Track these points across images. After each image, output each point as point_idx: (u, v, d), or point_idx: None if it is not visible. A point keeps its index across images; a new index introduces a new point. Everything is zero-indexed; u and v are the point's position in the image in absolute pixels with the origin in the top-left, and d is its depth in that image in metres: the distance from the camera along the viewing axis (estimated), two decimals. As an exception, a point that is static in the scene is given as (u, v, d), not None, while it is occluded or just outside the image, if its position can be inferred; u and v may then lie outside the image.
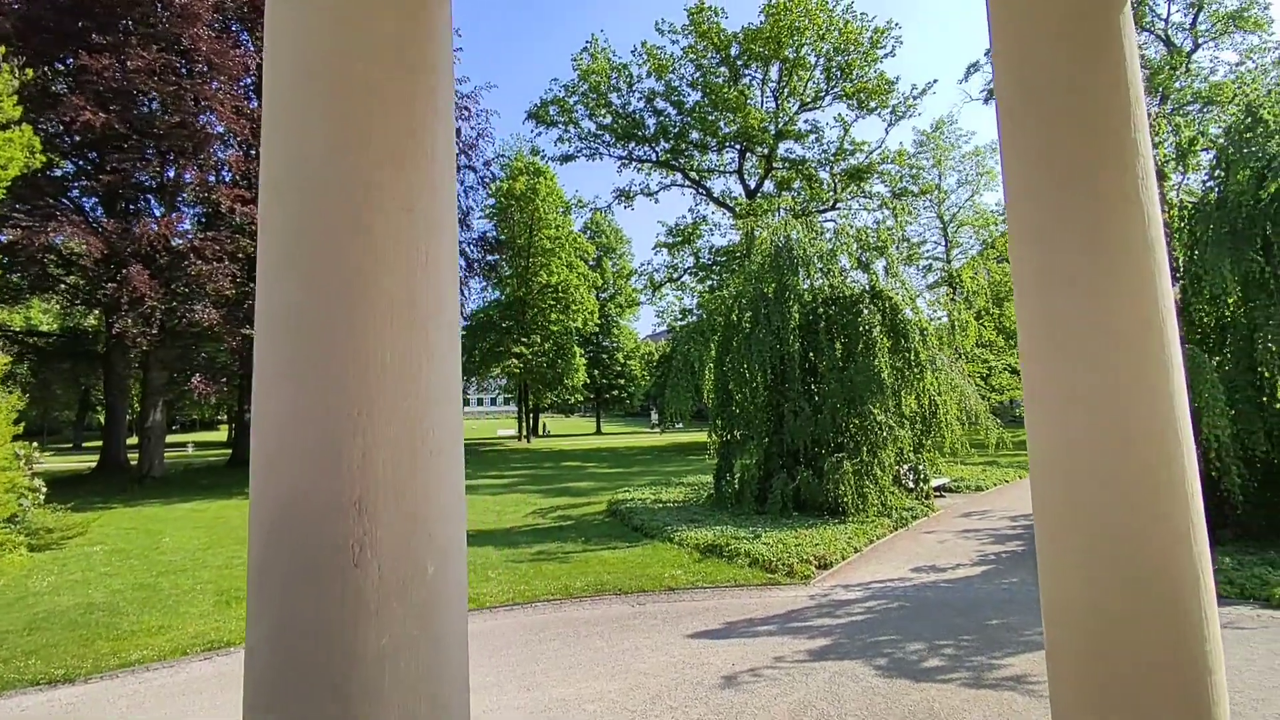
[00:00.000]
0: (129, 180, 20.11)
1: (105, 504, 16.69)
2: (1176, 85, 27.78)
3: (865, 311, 13.11)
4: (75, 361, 26.63)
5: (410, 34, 1.66)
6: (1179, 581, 1.91)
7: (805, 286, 14.14)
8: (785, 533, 10.44)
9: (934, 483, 14.57)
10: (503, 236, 37.31)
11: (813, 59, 34.96)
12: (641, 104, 36.68)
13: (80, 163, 21.64)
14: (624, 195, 38.55)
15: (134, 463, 22.85)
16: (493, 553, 10.47)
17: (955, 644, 6.21)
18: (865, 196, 37.04)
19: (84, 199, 21.75)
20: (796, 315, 13.44)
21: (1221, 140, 9.91)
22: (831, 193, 36.81)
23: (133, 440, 26.81)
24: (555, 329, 39.85)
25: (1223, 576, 7.32)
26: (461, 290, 31.42)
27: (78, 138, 19.63)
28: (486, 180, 32.29)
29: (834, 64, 34.77)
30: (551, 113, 36.47)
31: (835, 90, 35.46)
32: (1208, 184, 10.04)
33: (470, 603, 7.91)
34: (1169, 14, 30.71)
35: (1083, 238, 1.95)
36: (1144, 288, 1.93)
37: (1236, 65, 28.78)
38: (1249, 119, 9.27)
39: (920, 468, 14.03)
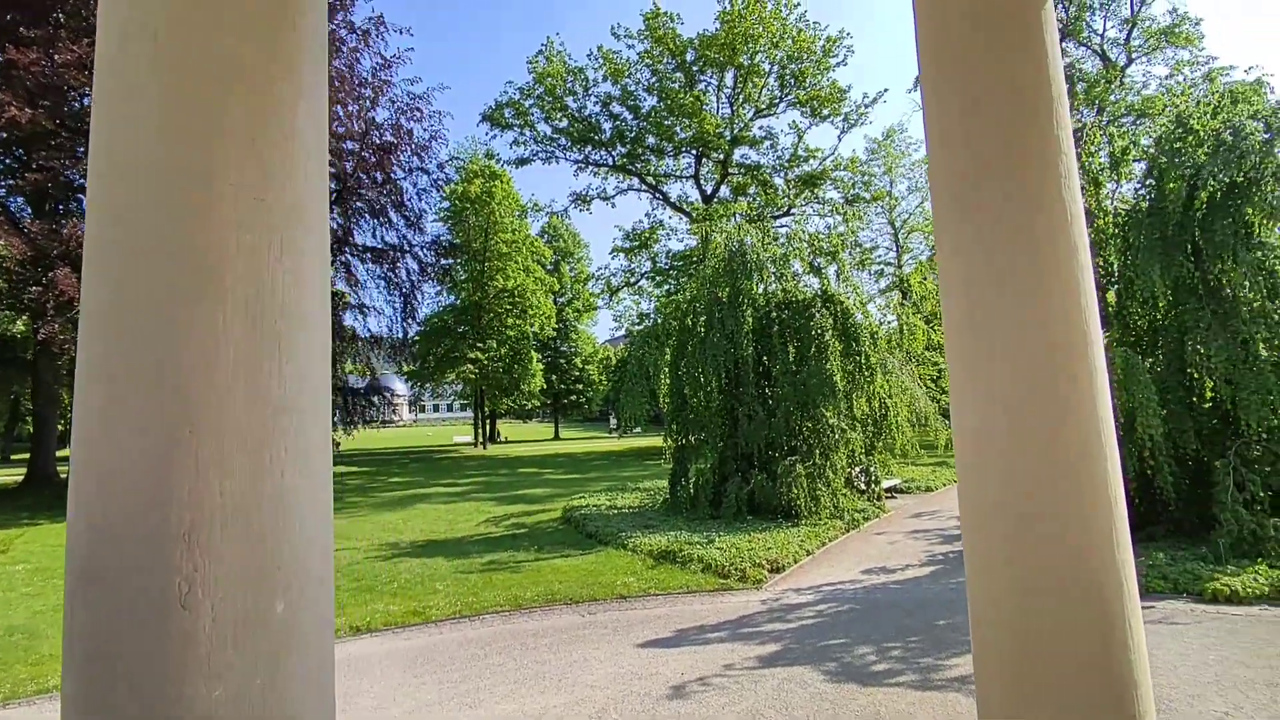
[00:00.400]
0: (58, 178, 19.16)
1: (32, 519, 15.85)
2: (1111, 98, 28.84)
3: (817, 315, 13.21)
4: (4, 369, 25.24)
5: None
6: (1102, 583, 1.88)
7: (759, 291, 14.21)
8: (739, 537, 10.42)
9: (885, 484, 14.78)
10: (458, 240, 36.72)
11: (767, 66, 35.30)
12: (598, 108, 36.54)
13: (6, 160, 20.60)
14: (581, 199, 38.31)
15: (64, 475, 21.78)
16: (442, 563, 10.23)
17: (903, 646, 6.24)
18: (819, 202, 37.48)
19: (10, 198, 20.72)
20: (750, 319, 13.49)
21: (1153, 150, 10.26)
22: (786, 199, 37.20)
23: (64, 452, 25.56)
24: (512, 334, 39.38)
25: (1156, 572, 7.53)
26: (415, 295, 30.88)
27: (3, 135, 18.67)
28: (440, 183, 31.73)
29: (788, 71, 35.16)
30: (507, 115, 36.04)
31: (789, 97, 35.85)
32: (1140, 192, 10.38)
33: (416, 616, 7.70)
34: (1104, 29, 31.95)
35: (1005, 237, 1.91)
36: (1067, 289, 1.90)
37: (1167, 78, 30.03)
38: (1179, 129, 9.60)
39: (871, 469, 14.22)
